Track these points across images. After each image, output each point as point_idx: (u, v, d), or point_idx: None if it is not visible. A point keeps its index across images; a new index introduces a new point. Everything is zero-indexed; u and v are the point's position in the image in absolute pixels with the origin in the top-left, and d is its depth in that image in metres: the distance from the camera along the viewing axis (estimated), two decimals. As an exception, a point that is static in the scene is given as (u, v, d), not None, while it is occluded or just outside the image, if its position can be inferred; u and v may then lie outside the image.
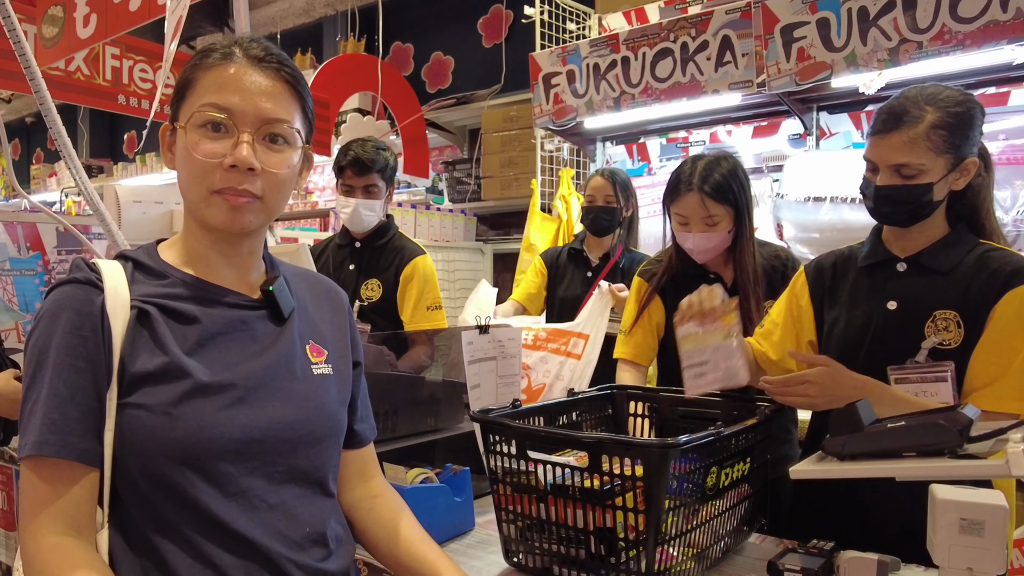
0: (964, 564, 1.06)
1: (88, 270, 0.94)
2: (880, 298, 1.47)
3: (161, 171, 6.65)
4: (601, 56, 3.19)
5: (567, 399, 1.59)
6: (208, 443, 0.89)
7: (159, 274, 0.98)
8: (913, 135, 1.34)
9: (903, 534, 1.29)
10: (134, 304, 0.93)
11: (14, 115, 8.53)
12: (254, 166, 0.93)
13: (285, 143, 0.97)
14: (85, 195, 1.68)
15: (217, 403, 0.91)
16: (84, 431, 0.88)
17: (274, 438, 0.94)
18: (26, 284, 3.08)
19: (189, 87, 0.96)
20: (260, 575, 0.92)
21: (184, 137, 0.94)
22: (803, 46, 2.64)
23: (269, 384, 0.96)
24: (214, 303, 0.98)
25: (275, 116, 0.95)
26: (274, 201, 0.98)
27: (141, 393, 0.90)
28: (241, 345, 0.97)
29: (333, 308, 1.13)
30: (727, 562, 1.33)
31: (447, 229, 4.37)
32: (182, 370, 0.91)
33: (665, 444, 1.10)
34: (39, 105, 1.71)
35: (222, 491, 0.90)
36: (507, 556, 1.31)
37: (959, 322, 1.38)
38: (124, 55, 3.78)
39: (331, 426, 1.03)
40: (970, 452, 1.08)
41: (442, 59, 5.26)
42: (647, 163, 3.69)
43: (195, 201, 0.96)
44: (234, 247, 1.01)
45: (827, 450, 1.20)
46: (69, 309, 0.91)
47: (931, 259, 1.44)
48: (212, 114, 0.93)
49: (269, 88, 0.95)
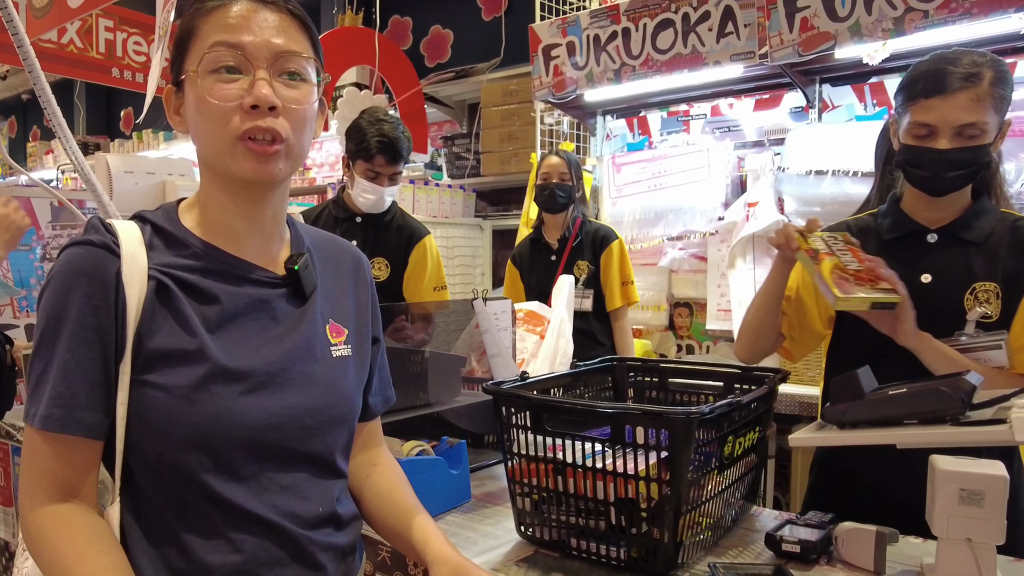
0: (963, 534, 1.05)
1: (105, 231, 0.89)
2: (912, 271, 1.43)
3: (158, 147, 6.60)
4: (601, 27, 3.14)
5: (570, 371, 1.58)
6: (226, 430, 0.87)
7: (179, 242, 0.93)
8: (980, 93, 1.31)
9: (901, 506, 1.28)
10: (152, 274, 0.89)
11: (10, 92, 8.47)
12: (275, 104, 0.88)
13: (302, 79, 0.92)
14: (75, 164, 1.66)
15: (236, 389, 0.88)
16: (91, 405, 0.86)
17: (292, 424, 0.92)
18: (21, 259, 3.06)
19: (191, 35, 0.91)
20: (276, 551, 0.91)
21: (195, 86, 0.89)
22: (806, 16, 2.60)
23: (289, 369, 0.93)
24: (237, 280, 0.94)
25: (289, 49, 0.90)
26: (299, 144, 0.92)
27: (159, 373, 0.87)
28: (262, 327, 0.93)
29: (356, 280, 1.08)
30: (726, 534, 1.32)
31: (446, 205, 4.34)
32: (203, 353, 0.87)
33: (689, 413, 1.09)
34: (28, 73, 1.68)
35: (233, 476, 0.89)
36: (520, 529, 1.30)
37: (999, 293, 1.36)
38: (118, 27, 3.74)
39: (348, 409, 1.01)
40: (973, 419, 1.06)
41: (441, 32, 5.20)
42: (648, 137, 3.66)
43: (217, 152, 0.90)
44: (257, 208, 0.95)
45: (827, 418, 1.19)
46: (83, 275, 0.86)
47: (965, 229, 1.41)
48: (223, 53, 0.87)
49: (278, 23, 0.90)
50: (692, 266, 3.37)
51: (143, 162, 2.39)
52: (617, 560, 1.17)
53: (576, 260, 2.89)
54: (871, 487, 1.44)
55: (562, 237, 2.92)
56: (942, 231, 1.43)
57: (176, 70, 0.93)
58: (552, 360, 2.05)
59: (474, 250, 4.47)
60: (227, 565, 0.88)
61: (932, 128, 1.35)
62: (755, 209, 3.05)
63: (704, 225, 3.30)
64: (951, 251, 1.42)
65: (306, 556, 0.93)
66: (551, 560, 1.23)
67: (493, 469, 1.72)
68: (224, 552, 0.88)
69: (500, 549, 1.27)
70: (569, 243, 2.89)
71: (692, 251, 3.36)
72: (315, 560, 0.94)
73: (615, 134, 3.76)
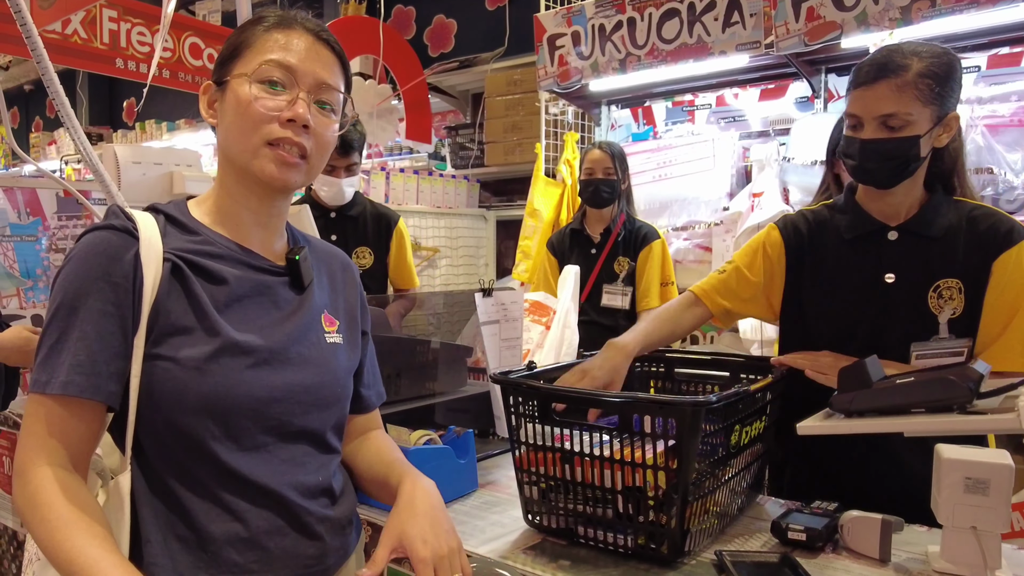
0: (968, 523, 1.06)
1: (124, 218, 0.96)
2: (875, 270, 1.43)
3: (161, 137, 6.60)
4: (607, 17, 3.13)
5: (577, 361, 1.58)
6: (233, 400, 0.93)
7: (190, 230, 1.01)
8: (901, 83, 1.31)
9: (905, 495, 1.29)
10: (167, 257, 0.95)
11: (12, 83, 8.46)
12: (309, 123, 0.98)
13: (332, 111, 1.03)
14: (84, 156, 1.66)
15: (243, 363, 0.95)
16: (111, 374, 0.91)
17: (291, 400, 0.99)
18: (27, 250, 3.07)
19: (246, 47, 1.00)
20: (275, 521, 0.97)
21: (242, 89, 0.98)
22: (812, 5, 2.59)
23: (289, 349, 1.00)
24: (242, 265, 1.01)
25: (329, 82, 1.01)
26: (316, 163, 1.03)
27: (171, 346, 0.92)
28: (264, 310, 1.01)
29: (345, 280, 1.17)
30: (732, 522, 1.33)
31: (449, 195, 4.34)
32: (214, 328, 0.94)
33: (697, 402, 1.09)
34: (36, 65, 1.68)
35: (239, 445, 0.94)
36: (527, 518, 1.31)
37: (961, 288, 1.36)
38: (122, 18, 3.73)
39: (340, 391, 1.08)
40: (979, 408, 1.07)
41: (444, 22, 5.18)
42: (652, 127, 3.65)
43: (244, 151, 0.99)
44: (266, 205, 1.04)
45: (835, 407, 1.19)
46: (104, 255, 0.92)
47: (923, 225, 1.40)
48: (275, 70, 0.98)
49: (325, 57, 1.02)
50: (696, 256, 3.37)
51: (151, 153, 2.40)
52: (624, 548, 1.18)
53: (617, 256, 2.85)
54: (876, 474, 1.44)
55: (605, 230, 2.87)
56: (901, 228, 1.43)
57: (222, 70, 1.02)
58: (558, 350, 2.06)
59: (478, 240, 4.47)
60: (230, 533, 0.93)
61: (857, 118, 1.36)
62: (760, 199, 3.05)
63: (709, 215, 3.30)
64: (911, 248, 1.41)
65: (305, 527, 0.99)
66: (559, 548, 1.24)
67: (500, 458, 1.73)
68: (226, 520, 0.94)
69: (508, 537, 1.28)
70: (612, 237, 2.84)
71: (697, 241, 3.36)
72: (313, 530, 1.00)
73: (620, 124, 3.75)
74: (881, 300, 1.41)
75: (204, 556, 0.92)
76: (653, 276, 2.82)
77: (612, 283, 2.86)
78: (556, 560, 1.19)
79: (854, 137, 1.37)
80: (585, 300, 2.80)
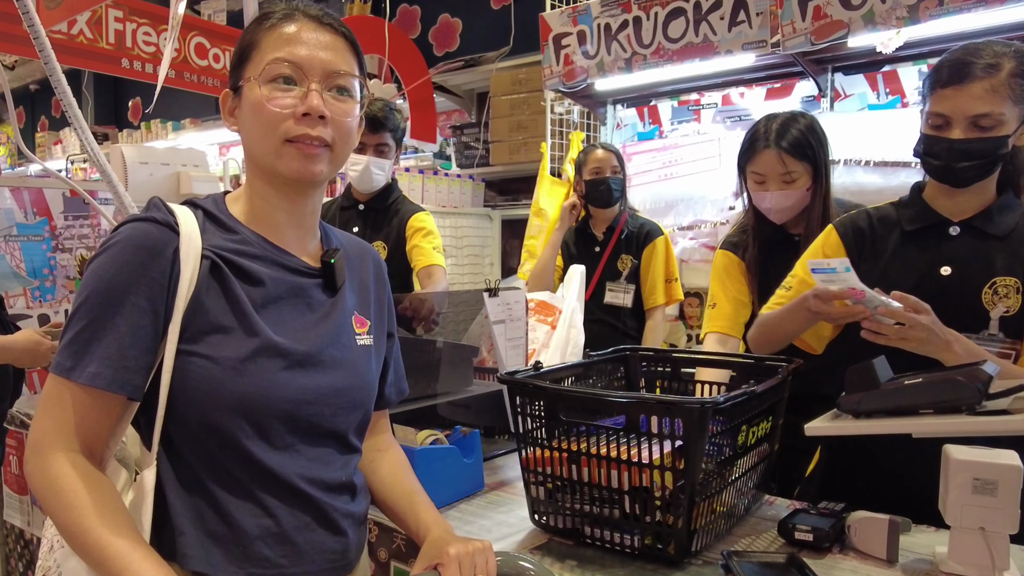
0: (976, 524, 1.05)
1: (166, 212, 0.97)
2: (932, 263, 1.42)
3: (166, 137, 6.61)
4: (612, 16, 3.13)
5: (583, 361, 1.58)
6: (267, 400, 0.94)
7: (229, 228, 1.01)
8: (996, 83, 1.29)
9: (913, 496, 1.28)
10: (206, 254, 0.96)
11: (18, 82, 8.48)
12: (325, 113, 0.97)
13: (349, 95, 1.01)
14: (91, 156, 1.66)
15: (279, 364, 0.96)
16: (139, 368, 0.91)
17: (322, 402, 1.00)
18: (33, 249, 3.08)
19: (253, 48, 1.00)
20: (303, 517, 0.98)
21: (254, 92, 0.98)
22: (819, 4, 2.58)
23: (322, 352, 1.01)
24: (278, 266, 1.02)
25: (339, 68, 1.00)
26: (341, 151, 1.02)
27: (209, 344, 0.93)
28: (299, 312, 1.02)
29: (376, 279, 1.17)
30: (739, 522, 1.33)
31: (455, 195, 4.34)
32: (253, 329, 0.95)
33: (704, 403, 1.09)
34: (44, 65, 1.69)
35: (271, 444, 0.96)
36: (533, 518, 1.31)
37: (1019, 288, 1.35)
38: (127, 18, 3.74)
39: (368, 394, 1.09)
40: (988, 409, 1.06)
41: (449, 21, 5.18)
42: (658, 126, 3.65)
43: (266, 152, 0.99)
44: (298, 204, 1.04)
45: (842, 407, 1.19)
46: (143, 248, 0.92)
47: (988, 223, 1.40)
48: (282, 67, 0.97)
49: (331, 43, 1.00)
50: (702, 256, 3.36)
51: (157, 153, 2.41)
52: (631, 548, 1.18)
53: (620, 254, 2.86)
54: (884, 474, 1.44)
55: (608, 228, 2.89)
56: (964, 224, 1.42)
57: (236, 76, 1.02)
58: (563, 350, 2.05)
59: (483, 240, 4.47)
60: (262, 529, 0.95)
61: (947, 118, 1.34)
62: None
63: (715, 215, 3.29)
64: (972, 244, 1.41)
65: (331, 523, 1.01)
66: (565, 548, 1.24)
67: (506, 458, 1.73)
68: (258, 516, 0.95)
69: (514, 537, 1.28)
70: (615, 235, 2.86)
71: (703, 241, 3.35)
72: (338, 526, 1.02)
73: (625, 123, 3.74)
74: (935, 292, 1.38)
75: (236, 551, 0.94)
76: (658, 273, 2.83)
77: (615, 281, 2.86)
78: (563, 560, 1.19)
79: (941, 137, 1.35)
80: (589, 298, 2.80)
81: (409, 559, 1.32)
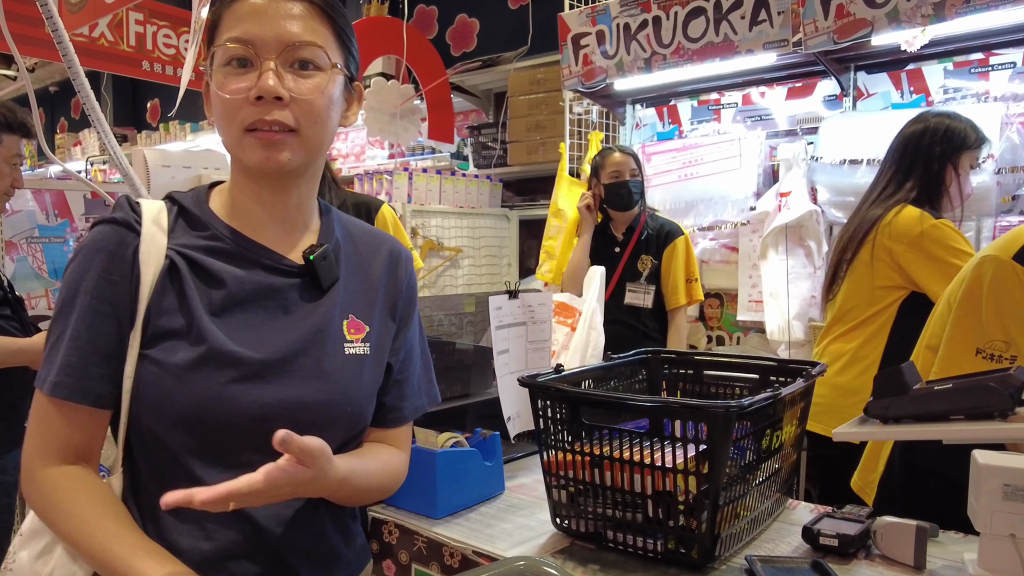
0: (1007, 530, 1.03)
1: (130, 210, 0.92)
2: None
3: (185, 139, 6.66)
4: (632, 15, 3.11)
5: (605, 364, 1.57)
6: (213, 414, 0.86)
7: (201, 224, 0.94)
8: None
9: None
10: (168, 253, 0.90)
11: (38, 84, 8.58)
12: (281, 95, 0.87)
13: (316, 68, 0.90)
14: (114, 159, 1.68)
15: (228, 375, 0.87)
16: (101, 375, 0.87)
17: (284, 419, 0.87)
18: (55, 251, 3.12)
19: (216, 28, 0.91)
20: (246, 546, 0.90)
21: (214, 81, 0.89)
22: (842, 2, 2.55)
23: (292, 361, 0.91)
24: (250, 264, 0.93)
25: (300, 39, 0.88)
26: (313, 134, 0.91)
27: (160, 349, 0.88)
28: (268, 315, 0.92)
29: (390, 277, 1.05)
30: (763, 527, 1.31)
31: (472, 195, 4.34)
32: (202, 335, 0.87)
33: (729, 407, 1.08)
34: (67, 69, 1.70)
35: (217, 461, 0.88)
36: (555, 521, 1.31)
37: None
38: (148, 20, 3.78)
39: (350, 412, 0.96)
40: (1021, 415, 1.04)
41: (467, 21, 5.18)
42: (678, 126, 3.62)
43: (230, 144, 0.91)
44: (278, 196, 0.95)
45: (870, 412, 1.17)
46: (103, 251, 0.89)
47: None
48: (233, 47, 0.87)
49: (294, 11, 0.89)
50: (723, 257, 3.34)
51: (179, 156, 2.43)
52: (654, 552, 1.17)
53: (640, 254, 2.86)
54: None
55: (628, 229, 2.89)
56: None
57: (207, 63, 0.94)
58: (584, 352, 2.04)
59: (501, 240, 4.47)
60: (196, 551, 0.88)
61: None
62: (787, 199, 3.02)
63: (735, 215, 3.27)
64: None
65: (278, 559, 0.91)
66: (587, 552, 1.23)
67: (526, 460, 1.72)
68: (196, 538, 0.88)
69: (536, 540, 1.28)
70: (635, 236, 2.86)
71: (723, 241, 3.33)
72: (287, 563, 0.92)
73: (645, 123, 3.73)
74: None
75: None
76: (679, 274, 2.82)
77: (635, 281, 2.85)
78: (585, 564, 1.18)
79: None
80: (608, 299, 2.80)
81: (431, 562, 1.31)
